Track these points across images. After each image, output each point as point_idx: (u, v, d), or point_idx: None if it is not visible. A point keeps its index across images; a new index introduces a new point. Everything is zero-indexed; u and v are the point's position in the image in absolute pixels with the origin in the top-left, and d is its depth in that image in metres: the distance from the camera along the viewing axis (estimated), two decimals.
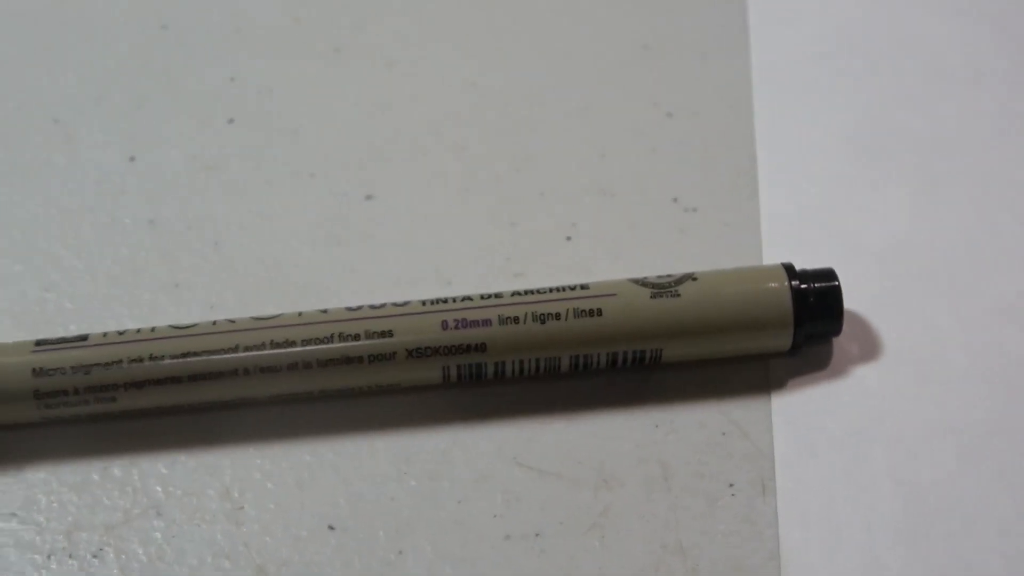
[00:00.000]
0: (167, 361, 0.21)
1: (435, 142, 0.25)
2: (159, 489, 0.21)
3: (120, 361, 0.21)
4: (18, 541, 0.20)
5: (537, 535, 0.20)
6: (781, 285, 0.22)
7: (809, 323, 0.21)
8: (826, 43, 0.29)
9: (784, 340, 0.22)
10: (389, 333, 0.21)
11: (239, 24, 0.28)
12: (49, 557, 0.20)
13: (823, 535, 0.21)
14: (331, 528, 0.20)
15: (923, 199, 0.26)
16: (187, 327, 0.21)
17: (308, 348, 0.21)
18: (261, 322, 0.21)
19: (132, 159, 0.25)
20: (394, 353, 0.21)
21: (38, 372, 0.21)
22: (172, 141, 0.26)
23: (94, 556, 0.20)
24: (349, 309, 0.21)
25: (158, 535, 0.20)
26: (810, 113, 0.28)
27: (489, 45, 0.27)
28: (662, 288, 0.22)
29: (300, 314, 0.21)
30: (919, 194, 0.26)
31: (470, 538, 0.20)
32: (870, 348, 0.23)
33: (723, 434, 0.21)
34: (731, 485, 0.20)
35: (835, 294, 0.22)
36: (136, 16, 0.29)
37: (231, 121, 0.26)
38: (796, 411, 0.23)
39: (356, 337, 0.21)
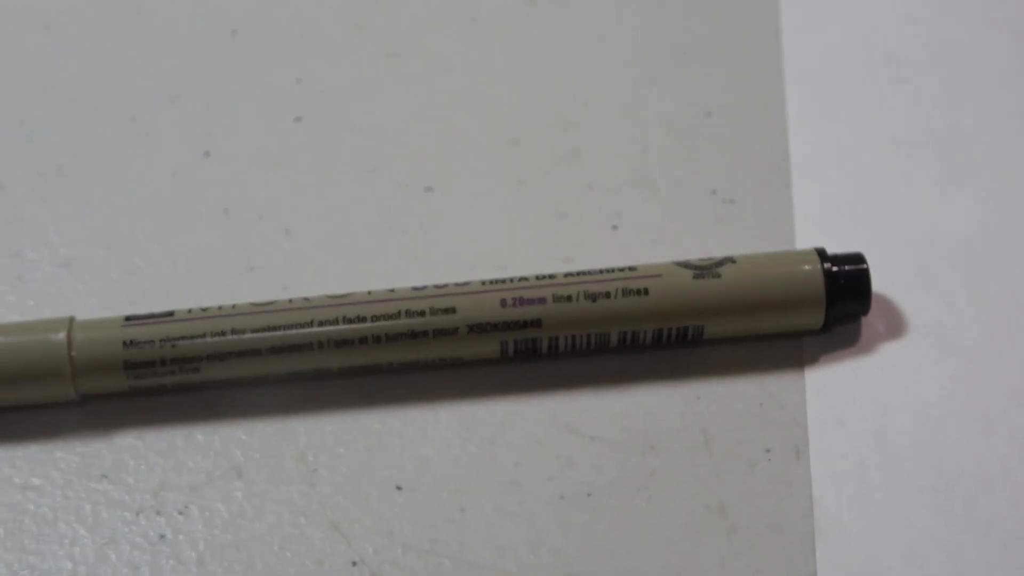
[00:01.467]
0: (248, 335, 0.22)
1: (489, 139, 0.26)
2: (239, 453, 0.22)
3: (204, 335, 0.22)
4: (109, 500, 0.21)
5: (589, 495, 0.21)
6: (814, 267, 0.23)
7: (840, 303, 0.23)
8: (855, 44, 0.31)
9: (817, 318, 0.23)
10: (452, 310, 0.22)
11: (304, 30, 0.29)
12: (138, 514, 0.21)
13: (853, 496, 0.22)
14: (399, 488, 0.22)
15: (946, 189, 0.27)
16: (266, 304, 0.22)
17: (377, 324, 0.22)
18: (334, 299, 0.22)
19: (207, 154, 0.26)
20: (456, 329, 0.22)
21: (128, 344, 0.22)
22: (244, 138, 0.27)
23: (179, 513, 0.21)
24: (415, 288, 0.22)
25: (239, 494, 0.21)
26: (840, 110, 0.29)
27: (538, 52, 0.28)
28: (704, 269, 0.23)
29: (370, 292, 0.22)
30: (942, 184, 0.27)
31: (527, 498, 0.21)
32: (896, 326, 0.23)
33: (760, 405, 0.22)
34: (768, 451, 0.21)
35: (864, 276, 0.23)
36: (209, 22, 0.30)
37: (298, 119, 0.27)
38: (827, 384, 0.24)
39: (421, 314, 0.22)
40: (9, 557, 0.21)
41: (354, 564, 0.20)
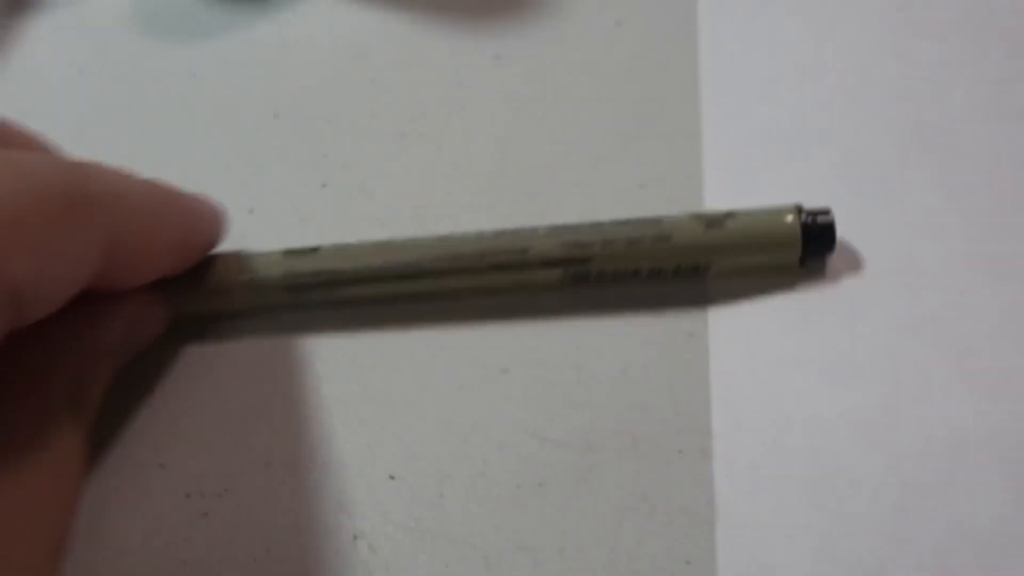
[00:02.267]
0: (377, 264, 0.28)
1: (474, 199, 0.32)
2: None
3: (346, 263, 0.28)
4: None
5: (540, 484, 0.27)
6: (794, 219, 0.28)
7: (812, 245, 0.28)
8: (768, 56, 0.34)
9: (795, 256, 0.28)
10: (523, 248, 0.27)
11: (331, 115, 0.34)
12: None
13: (748, 488, 0.27)
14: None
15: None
16: (389, 241, 0.28)
17: (462, 260, 0.28)
18: (444, 240, 0.28)
19: (251, 211, 0.31)
20: (526, 264, 0.28)
21: (290, 276, 0.28)
22: (280, 198, 0.32)
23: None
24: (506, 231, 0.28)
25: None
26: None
27: (512, 133, 0.34)
28: (712, 220, 0.27)
29: (463, 234, 0.28)
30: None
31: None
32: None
33: (675, 407, 0.28)
34: (680, 451, 0.27)
35: (830, 225, 0.28)
36: (256, 108, 0.35)
37: (324, 185, 0.32)
38: (730, 394, 0.29)
39: (506, 251, 0.28)
40: None
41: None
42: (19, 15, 0.38)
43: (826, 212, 0.28)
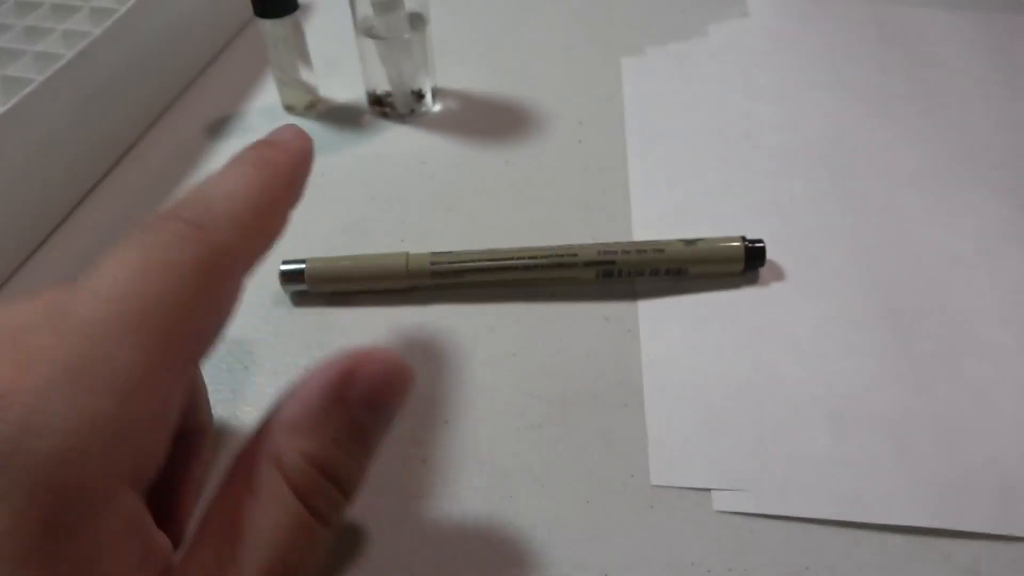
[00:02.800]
0: (484, 262, 0.32)
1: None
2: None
3: (469, 260, 0.32)
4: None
5: (539, 425, 0.29)
6: (740, 244, 0.31)
7: (751, 260, 0.32)
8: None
9: (739, 267, 0.31)
10: (575, 254, 0.31)
11: (405, 198, 0.38)
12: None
13: (675, 421, 0.28)
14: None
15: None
16: (491, 250, 0.32)
17: (539, 259, 0.31)
18: (522, 249, 0.32)
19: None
20: (576, 264, 0.31)
21: (434, 264, 0.32)
22: (376, 250, 0.34)
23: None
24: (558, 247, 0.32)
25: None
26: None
27: (517, 205, 0.37)
28: (690, 242, 0.31)
29: (539, 247, 0.32)
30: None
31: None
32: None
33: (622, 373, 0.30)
34: (625, 404, 0.28)
35: (762, 249, 0.31)
36: (360, 192, 0.38)
37: (403, 241, 0.36)
38: (660, 352, 0.30)
39: (566, 255, 0.31)
40: None
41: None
42: (217, 142, 0.42)
43: (760, 241, 0.32)
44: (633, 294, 0.33)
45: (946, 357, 0.30)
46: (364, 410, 0.17)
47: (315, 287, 0.33)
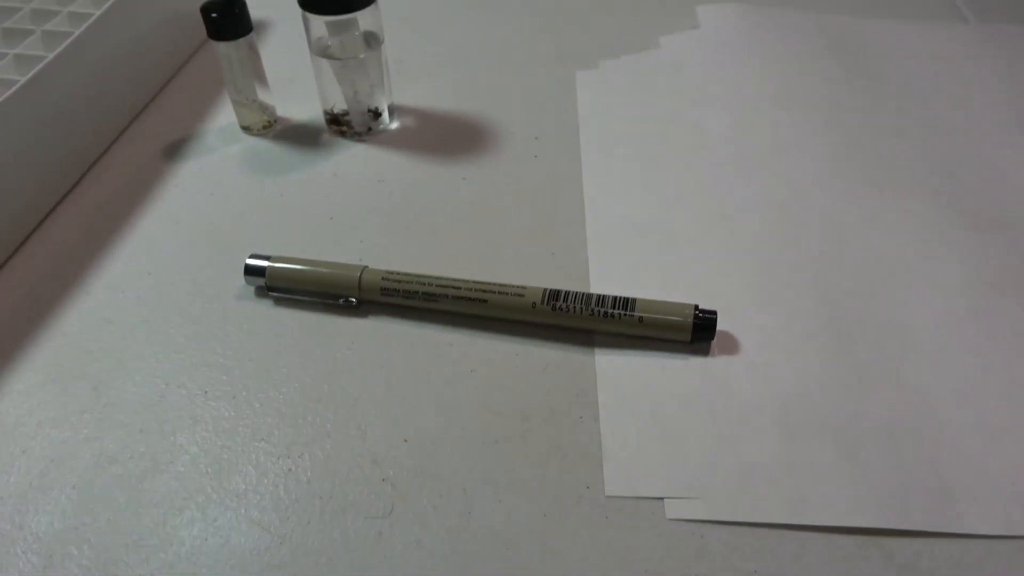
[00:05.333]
0: (433, 288, 0.32)
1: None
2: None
3: (419, 283, 0.32)
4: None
5: (496, 442, 0.29)
6: (691, 312, 0.31)
7: (699, 332, 0.31)
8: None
9: (687, 337, 0.31)
10: (521, 294, 0.32)
11: (364, 216, 0.39)
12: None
13: (630, 444, 0.29)
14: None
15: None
16: (441, 277, 0.32)
17: (487, 292, 0.32)
18: (472, 281, 0.32)
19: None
20: (523, 306, 0.31)
21: (384, 280, 0.32)
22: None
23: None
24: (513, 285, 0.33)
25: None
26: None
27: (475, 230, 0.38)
28: (641, 316, 0.31)
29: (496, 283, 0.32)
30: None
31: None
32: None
33: (580, 392, 0.30)
34: (581, 418, 0.29)
35: (712, 321, 0.31)
36: (319, 212, 0.38)
37: (360, 259, 0.35)
38: (615, 385, 0.30)
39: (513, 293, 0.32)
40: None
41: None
42: (174, 163, 0.43)
43: (713, 312, 0.31)
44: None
45: (887, 363, 0.31)
46: None
47: (274, 284, 0.33)
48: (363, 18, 0.39)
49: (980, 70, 0.45)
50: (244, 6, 0.39)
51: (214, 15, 0.39)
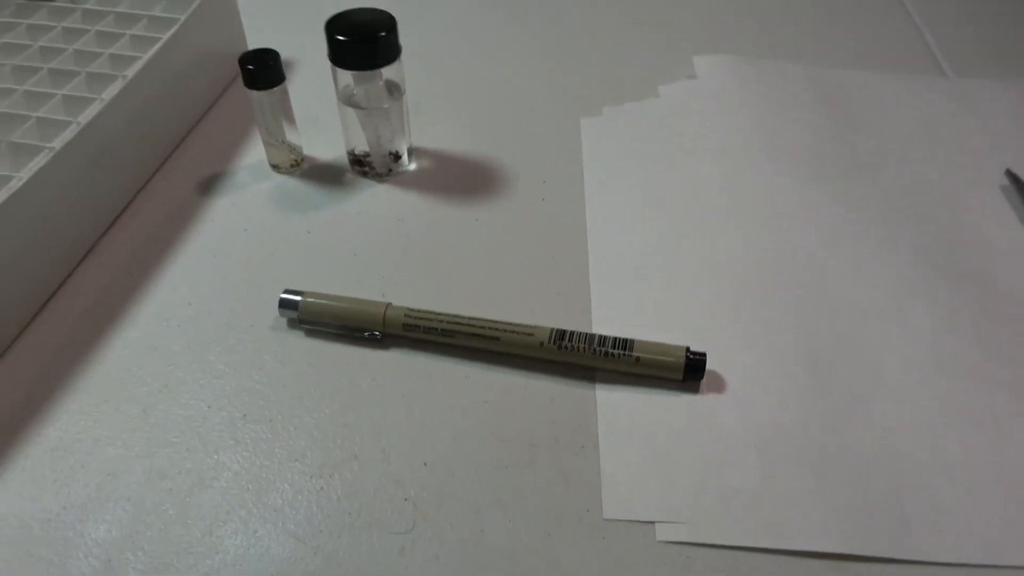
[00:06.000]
0: (451, 325, 0.34)
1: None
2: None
3: (438, 321, 0.35)
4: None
5: (505, 468, 0.32)
6: (683, 354, 0.34)
7: (690, 372, 0.34)
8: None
9: (679, 376, 0.34)
10: (531, 333, 0.34)
11: (386, 253, 0.42)
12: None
13: (628, 474, 0.31)
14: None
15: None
16: (458, 316, 0.35)
17: (500, 331, 0.34)
18: (486, 320, 0.35)
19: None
20: (532, 344, 0.34)
21: (407, 317, 0.35)
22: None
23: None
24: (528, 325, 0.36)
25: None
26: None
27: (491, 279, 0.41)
28: (637, 357, 0.34)
29: (507, 322, 0.36)
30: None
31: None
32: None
33: (581, 428, 0.33)
34: (583, 447, 0.32)
35: (702, 362, 0.33)
36: (343, 249, 0.41)
37: (383, 296, 0.39)
38: (615, 419, 0.33)
39: (522, 332, 0.35)
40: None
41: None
42: (209, 199, 0.46)
43: (703, 354, 0.34)
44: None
45: (858, 401, 0.33)
46: None
47: (306, 317, 0.36)
48: (386, 69, 0.42)
49: (956, 123, 0.48)
50: (278, 58, 0.42)
51: (250, 67, 0.42)
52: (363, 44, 0.40)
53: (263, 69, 0.42)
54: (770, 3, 0.61)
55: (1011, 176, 0.43)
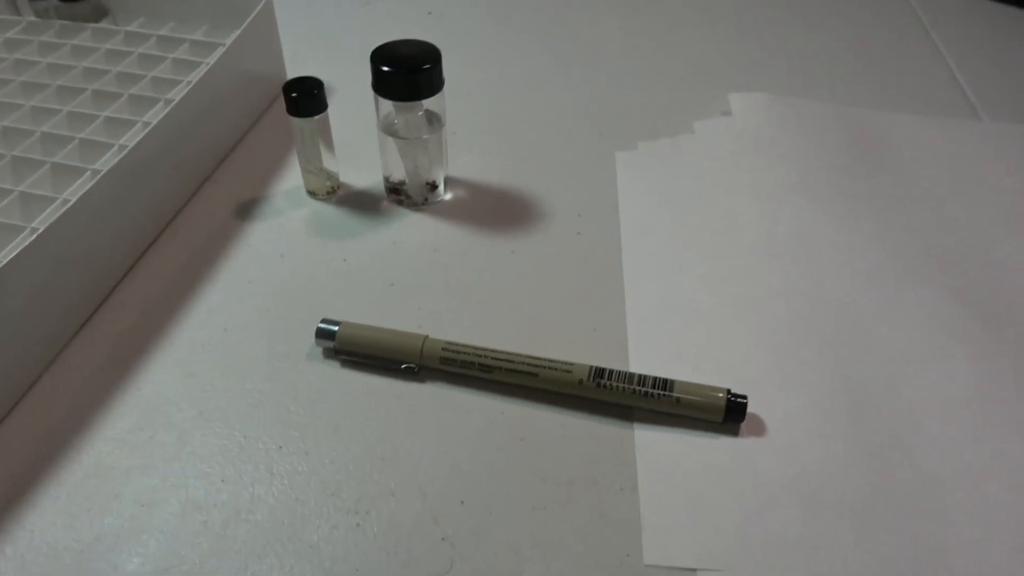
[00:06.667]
0: (488, 360, 0.34)
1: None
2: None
3: (475, 355, 0.35)
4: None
5: (544, 508, 0.32)
6: (724, 396, 0.33)
7: (730, 414, 0.33)
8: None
9: (719, 418, 0.33)
10: (569, 370, 0.34)
11: (423, 283, 0.41)
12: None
13: (667, 516, 0.31)
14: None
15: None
16: (495, 350, 0.35)
17: (538, 367, 0.34)
18: (525, 356, 0.34)
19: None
20: (571, 381, 0.34)
21: (444, 350, 0.35)
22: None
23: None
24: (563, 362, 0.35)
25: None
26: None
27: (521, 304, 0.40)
28: (677, 397, 0.33)
29: (546, 358, 0.36)
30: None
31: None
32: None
33: (617, 466, 0.33)
34: (621, 488, 0.31)
35: (743, 405, 0.33)
36: (379, 278, 0.41)
37: (419, 327, 0.38)
38: (655, 464, 0.33)
39: (561, 369, 0.34)
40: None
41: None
42: (245, 224, 0.46)
43: (744, 397, 0.33)
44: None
45: (900, 447, 0.33)
46: None
47: (343, 348, 0.36)
48: (427, 100, 0.42)
49: (989, 167, 0.48)
50: (322, 87, 0.42)
51: (294, 95, 0.42)
52: (408, 76, 0.40)
53: (307, 97, 0.42)
54: (805, 43, 0.61)
55: None
